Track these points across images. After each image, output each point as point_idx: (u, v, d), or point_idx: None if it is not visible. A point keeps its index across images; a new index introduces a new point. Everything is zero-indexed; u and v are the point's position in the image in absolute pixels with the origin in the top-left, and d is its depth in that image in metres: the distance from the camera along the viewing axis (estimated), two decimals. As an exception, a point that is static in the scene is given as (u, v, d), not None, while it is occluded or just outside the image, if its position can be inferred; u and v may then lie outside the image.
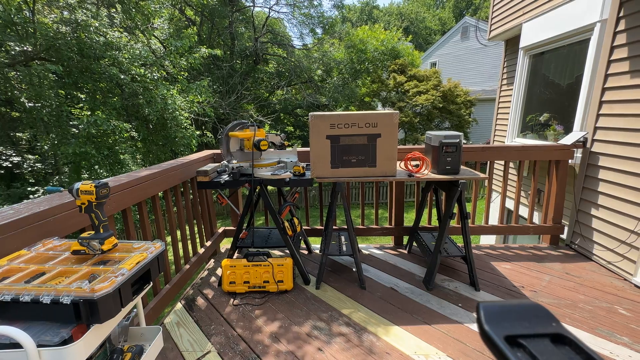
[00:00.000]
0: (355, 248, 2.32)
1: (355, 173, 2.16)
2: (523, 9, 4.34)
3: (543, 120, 4.09)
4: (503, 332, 0.30)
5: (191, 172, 2.49)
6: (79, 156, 6.76)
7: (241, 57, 13.23)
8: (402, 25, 30.56)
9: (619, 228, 2.52)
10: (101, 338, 0.99)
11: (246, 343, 1.81)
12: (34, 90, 6.42)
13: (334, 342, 1.80)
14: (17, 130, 8.70)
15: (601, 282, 2.39)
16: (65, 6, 7.05)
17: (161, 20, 9.28)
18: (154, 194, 2.06)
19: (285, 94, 14.10)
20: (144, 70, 7.13)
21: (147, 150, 8.32)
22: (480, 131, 14.91)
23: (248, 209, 2.36)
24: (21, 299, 0.86)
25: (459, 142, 2.10)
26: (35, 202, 1.36)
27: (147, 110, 7.07)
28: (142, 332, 1.26)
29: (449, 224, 2.23)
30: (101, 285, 0.89)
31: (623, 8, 2.54)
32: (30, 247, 1.15)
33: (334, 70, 14.41)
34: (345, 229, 2.95)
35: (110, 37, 6.83)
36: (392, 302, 2.17)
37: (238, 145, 2.32)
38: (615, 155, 2.57)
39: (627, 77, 2.50)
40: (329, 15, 16.70)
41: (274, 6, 13.94)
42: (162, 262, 1.19)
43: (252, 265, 2.24)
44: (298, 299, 2.22)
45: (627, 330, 1.86)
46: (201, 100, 8.77)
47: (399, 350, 1.73)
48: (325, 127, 2.09)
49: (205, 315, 2.07)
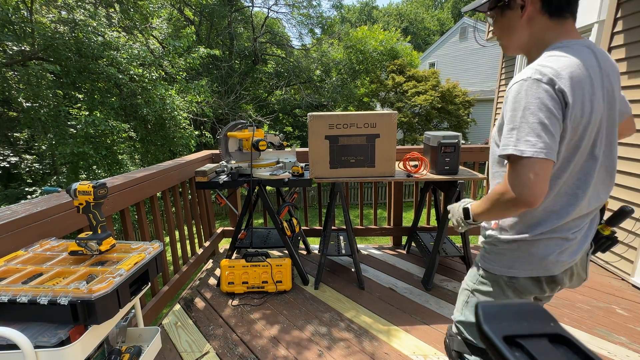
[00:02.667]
0: (354, 248, 2.32)
1: (354, 173, 2.16)
2: (521, 9, 4.35)
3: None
4: (501, 332, 0.30)
5: (190, 173, 2.49)
6: (76, 156, 6.74)
7: (240, 57, 13.23)
8: (401, 25, 30.62)
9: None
10: (99, 339, 0.98)
11: (245, 344, 1.81)
12: (31, 90, 6.40)
13: (332, 343, 1.80)
14: (15, 130, 8.67)
15: (599, 282, 2.40)
16: (63, 6, 7.04)
17: (160, 20, 9.27)
18: (152, 194, 2.05)
19: (284, 94, 14.09)
20: (142, 70, 7.11)
21: (146, 150, 8.31)
22: (478, 131, 14.95)
23: (247, 209, 2.36)
24: (18, 300, 0.85)
25: (458, 142, 2.10)
26: (32, 203, 1.35)
27: (145, 110, 7.06)
28: (140, 332, 1.25)
29: (447, 224, 2.24)
30: (99, 286, 0.89)
31: (621, 9, 2.55)
32: (28, 248, 1.15)
33: (332, 71, 14.42)
34: (344, 229, 2.95)
35: (108, 37, 6.81)
36: (391, 302, 2.17)
37: (237, 145, 2.32)
38: (613, 156, 2.58)
39: (625, 78, 2.51)
40: (328, 15, 16.74)
41: (272, 6, 13.95)
42: (160, 263, 1.19)
43: (251, 266, 2.23)
44: (297, 299, 2.22)
45: (625, 330, 1.87)
46: (200, 100, 8.76)
47: (397, 351, 1.73)
48: (324, 127, 2.09)
49: (203, 315, 2.06)
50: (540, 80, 0.77)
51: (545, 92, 0.76)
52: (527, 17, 0.87)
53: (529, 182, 0.76)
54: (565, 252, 0.90)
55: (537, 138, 0.76)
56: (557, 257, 0.89)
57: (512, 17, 0.89)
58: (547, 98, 0.76)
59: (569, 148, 0.83)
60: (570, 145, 0.82)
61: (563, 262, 0.90)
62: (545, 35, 0.87)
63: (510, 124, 0.80)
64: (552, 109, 0.76)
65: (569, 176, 0.86)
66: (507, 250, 0.95)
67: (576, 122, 0.79)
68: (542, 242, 0.90)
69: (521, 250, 0.92)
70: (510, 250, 0.94)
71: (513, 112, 0.80)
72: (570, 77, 0.77)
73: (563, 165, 0.84)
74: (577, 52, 0.81)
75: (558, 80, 0.76)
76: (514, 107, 0.80)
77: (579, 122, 0.79)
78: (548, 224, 0.88)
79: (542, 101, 0.76)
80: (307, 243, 2.98)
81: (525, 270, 0.93)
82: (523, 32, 0.89)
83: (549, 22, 0.86)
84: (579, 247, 0.92)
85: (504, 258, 0.95)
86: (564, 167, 0.85)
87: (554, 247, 0.89)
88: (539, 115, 0.76)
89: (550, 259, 0.89)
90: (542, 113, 0.76)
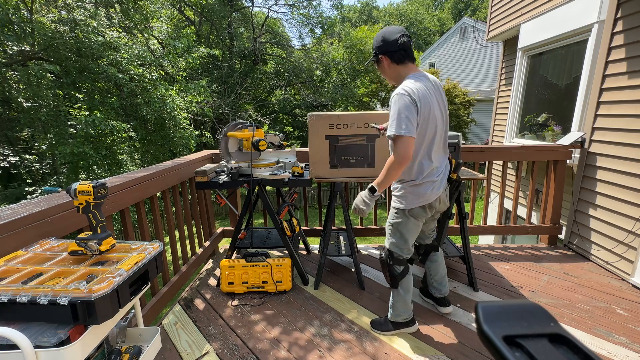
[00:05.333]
0: (354, 248, 2.32)
1: (354, 173, 2.16)
2: (521, 9, 4.36)
3: (541, 121, 4.10)
4: (501, 332, 0.30)
5: (190, 173, 2.49)
6: (76, 156, 6.74)
7: (240, 57, 13.23)
8: (402, 25, 30.57)
9: (617, 228, 2.53)
10: (99, 339, 0.98)
11: (245, 344, 1.81)
12: (31, 90, 6.40)
13: (332, 343, 1.80)
14: (15, 130, 8.67)
15: (599, 282, 2.40)
16: (63, 6, 7.03)
17: (160, 20, 9.26)
18: (152, 194, 2.05)
19: (284, 94, 14.09)
20: (142, 70, 7.11)
21: (146, 150, 8.31)
22: (478, 131, 14.95)
23: (247, 209, 2.36)
24: (18, 300, 0.85)
25: (458, 142, 2.10)
26: (32, 203, 1.35)
27: (145, 110, 7.05)
28: (140, 332, 1.26)
29: (447, 224, 2.24)
30: (99, 286, 0.89)
31: (621, 9, 2.55)
32: (28, 248, 1.15)
33: (332, 71, 14.42)
34: (344, 229, 2.95)
35: (108, 37, 6.81)
36: (391, 302, 2.17)
37: (237, 145, 2.32)
38: (613, 156, 2.58)
39: (625, 78, 2.51)
40: (328, 15, 16.74)
41: (272, 6, 13.95)
42: (160, 263, 1.19)
43: (251, 266, 2.23)
44: (297, 299, 2.22)
45: (625, 330, 1.87)
46: (200, 100, 8.76)
47: (397, 351, 1.73)
48: (324, 127, 2.09)
49: (203, 315, 2.06)
50: (405, 94, 1.45)
51: (408, 100, 1.44)
52: (387, 65, 1.61)
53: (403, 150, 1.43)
54: (435, 189, 1.60)
55: (405, 125, 1.42)
56: (431, 192, 1.59)
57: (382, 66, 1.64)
58: (409, 102, 1.43)
59: (421, 131, 1.50)
60: (421, 130, 1.50)
61: (435, 195, 1.61)
62: (400, 72, 1.60)
63: (392, 118, 1.47)
64: (412, 109, 1.43)
65: (425, 147, 1.55)
66: (407, 193, 1.61)
67: (424, 117, 1.47)
68: (424, 184, 1.58)
69: (413, 192, 1.60)
70: (409, 192, 1.60)
71: (393, 111, 1.47)
72: (418, 91, 1.46)
73: (419, 141, 1.52)
74: (419, 79, 1.53)
75: (413, 94, 1.45)
76: (394, 108, 1.47)
77: (425, 116, 1.48)
78: (423, 173, 1.57)
79: (407, 105, 1.43)
80: (307, 243, 2.98)
81: (417, 202, 1.60)
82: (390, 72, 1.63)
83: (399, 66, 1.59)
84: (441, 185, 1.63)
85: (405, 199, 1.62)
86: (420, 142, 1.53)
87: (429, 186, 1.59)
88: (405, 113, 1.43)
89: (428, 194, 1.59)
90: (407, 111, 1.43)
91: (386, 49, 1.56)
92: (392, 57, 1.56)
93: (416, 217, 1.64)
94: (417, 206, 1.60)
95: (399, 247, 1.71)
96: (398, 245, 1.71)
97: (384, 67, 1.63)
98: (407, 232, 1.67)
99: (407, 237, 1.69)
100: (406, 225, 1.66)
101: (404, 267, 1.72)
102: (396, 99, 1.46)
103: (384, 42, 1.56)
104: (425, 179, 1.57)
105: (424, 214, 1.64)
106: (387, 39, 1.55)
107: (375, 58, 1.63)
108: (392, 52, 1.55)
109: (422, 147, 1.54)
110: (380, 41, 1.57)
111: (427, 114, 1.47)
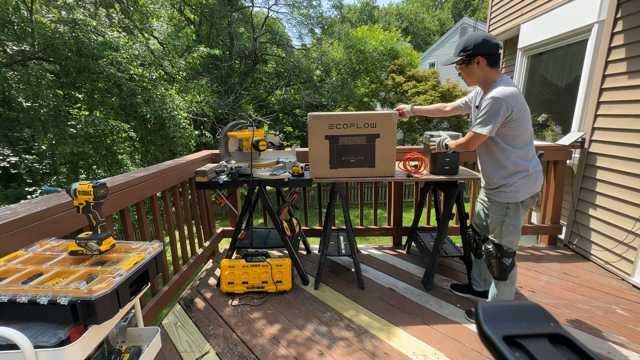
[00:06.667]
0: (354, 248, 2.32)
1: (354, 173, 2.16)
2: (521, 9, 4.36)
3: (541, 121, 4.10)
4: (501, 332, 0.30)
5: (190, 173, 2.49)
6: (76, 156, 6.74)
7: (240, 57, 13.22)
8: (402, 25, 30.61)
9: (617, 228, 2.53)
10: (99, 339, 0.98)
11: (245, 344, 1.81)
12: (31, 90, 6.40)
13: (332, 343, 1.80)
14: (15, 130, 8.67)
15: (599, 282, 2.40)
16: (63, 6, 7.03)
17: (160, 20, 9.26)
18: (152, 194, 2.05)
19: (284, 94, 14.07)
20: (142, 70, 7.11)
21: (146, 150, 8.31)
22: (478, 131, 14.90)
23: (247, 209, 2.36)
24: (18, 300, 0.85)
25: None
26: (32, 203, 1.35)
27: (145, 110, 7.05)
28: (140, 332, 1.25)
29: (447, 224, 2.24)
30: (99, 286, 0.89)
31: (620, 9, 2.55)
32: (28, 248, 1.15)
33: (332, 71, 14.41)
34: (344, 229, 2.95)
35: (108, 37, 6.81)
36: (391, 302, 2.17)
37: (237, 145, 2.32)
38: (613, 156, 2.58)
39: (625, 78, 2.51)
40: (328, 15, 16.73)
41: (272, 6, 13.95)
42: (160, 263, 1.19)
43: (251, 266, 2.23)
44: (297, 299, 2.22)
45: (625, 330, 1.87)
46: (200, 100, 8.75)
47: (397, 351, 1.73)
48: (324, 127, 2.09)
49: (203, 316, 2.06)
50: (500, 98, 1.55)
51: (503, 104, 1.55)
52: (482, 67, 1.64)
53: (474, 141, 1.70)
54: (540, 177, 1.71)
55: (490, 126, 1.59)
56: (539, 181, 1.70)
57: (472, 66, 1.67)
58: (503, 107, 1.55)
59: (527, 125, 1.62)
60: (526, 123, 1.61)
61: (540, 182, 1.72)
62: (490, 75, 1.66)
63: (485, 114, 1.61)
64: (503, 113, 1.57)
65: (530, 138, 1.66)
66: (519, 186, 1.67)
67: (525, 113, 1.59)
68: (533, 174, 1.68)
69: (525, 183, 1.67)
70: (521, 185, 1.66)
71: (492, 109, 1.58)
72: (518, 93, 1.58)
73: (527, 134, 1.64)
74: (511, 83, 1.61)
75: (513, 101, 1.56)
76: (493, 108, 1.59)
77: (526, 112, 1.60)
78: (533, 162, 1.68)
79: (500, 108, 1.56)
80: (307, 243, 2.98)
81: (528, 193, 1.69)
82: (479, 73, 1.68)
83: (492, 70, 1.65)
84: (541, 172, 1.74)
85: (517, 192, 1.68)
86: (529, 135, 1.66)
87: (537, 175, 1.69)
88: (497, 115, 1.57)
89: (537, 183, 1.70)
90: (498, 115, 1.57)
91: (486, 51, 1.59)
92: (489, 59, 1.61)
93: (526, 207, 1.72)
94: (528, 197, 1.69)
95: (511, 240, 1.75)
96: (511, 239, 1.74)
97: (473, 68, 1.65)
98: (519, 223, 1.73)
99: (519, 228, 1.74)
100: (519, 218, 1.72)
101: (512, 259, 1.76)
102: (491, 101, 1.58)
103: (485, 44, 1.59)
104: (534, 168, 1.67)
105: (532, 202, 1.73)
106: (488, 40, 1.59)
107: (468, 58, 1.63)
108: (490, 54, 1.60)
109: (530, 139, 1.66)
110: (481, 41, 1.59)
111: (525, 109, 1.58)
